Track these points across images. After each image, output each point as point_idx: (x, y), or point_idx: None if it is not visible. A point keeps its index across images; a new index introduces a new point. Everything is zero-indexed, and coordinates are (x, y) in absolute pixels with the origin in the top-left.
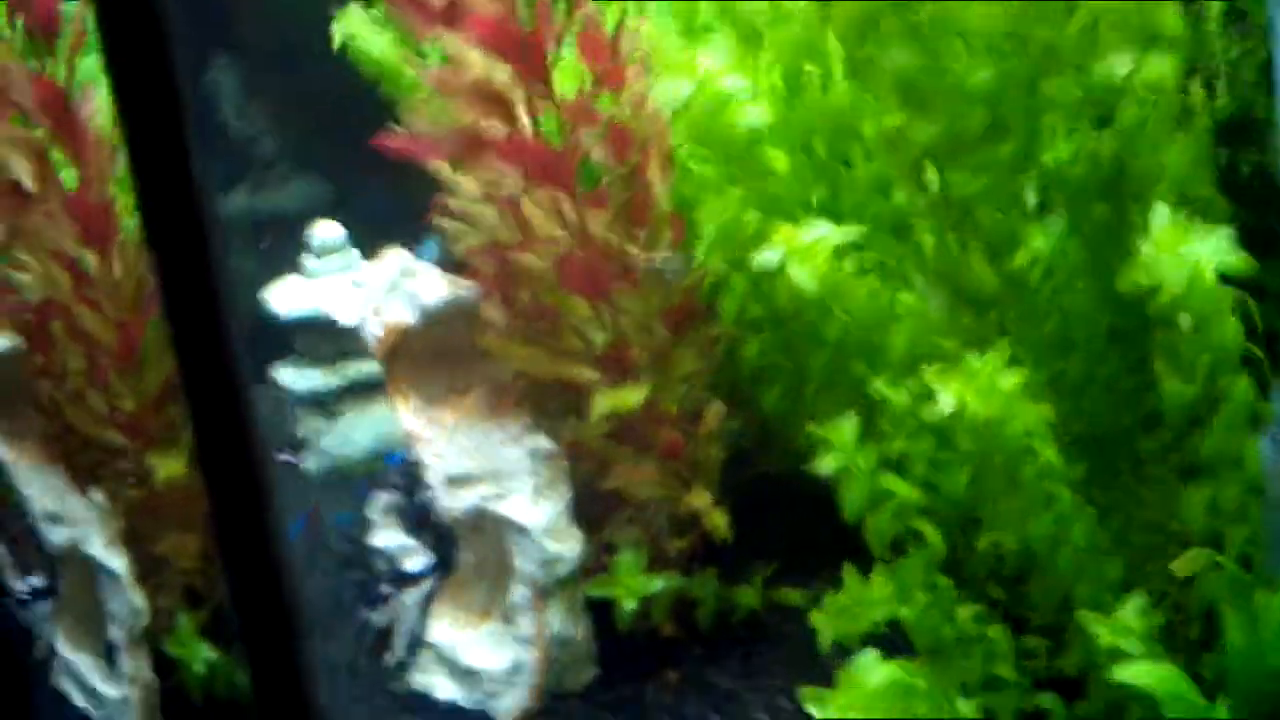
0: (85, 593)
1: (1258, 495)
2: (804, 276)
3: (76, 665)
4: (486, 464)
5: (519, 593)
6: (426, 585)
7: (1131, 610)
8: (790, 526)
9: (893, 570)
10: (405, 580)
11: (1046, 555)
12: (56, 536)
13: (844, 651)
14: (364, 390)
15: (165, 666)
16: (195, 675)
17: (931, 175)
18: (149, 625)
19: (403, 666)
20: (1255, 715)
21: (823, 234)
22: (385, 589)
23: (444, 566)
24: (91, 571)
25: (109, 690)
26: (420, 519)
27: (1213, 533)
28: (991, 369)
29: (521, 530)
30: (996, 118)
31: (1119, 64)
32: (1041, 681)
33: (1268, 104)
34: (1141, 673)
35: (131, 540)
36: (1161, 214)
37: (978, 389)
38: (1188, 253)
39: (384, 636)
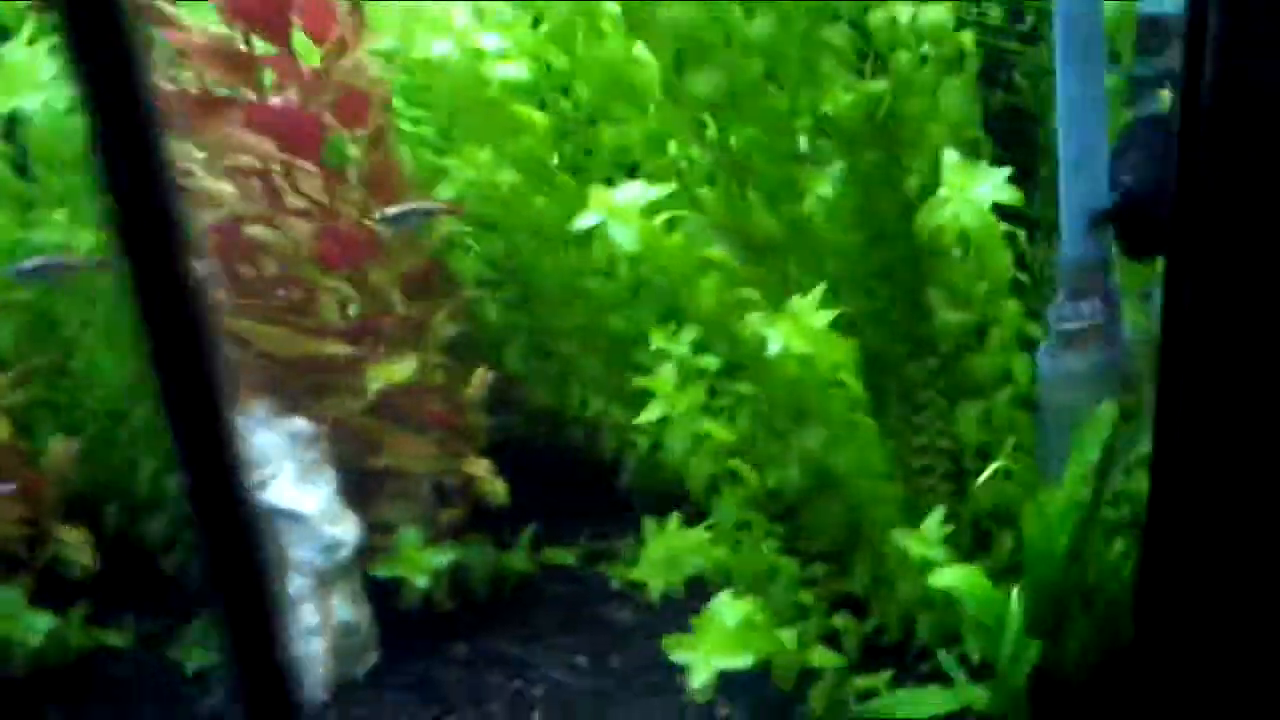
0: None
1: (1027, 408)
2: (626, 236)
3: None
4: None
5: (297, 582)
6: None
7: (933, 523)
8: (545, 488)
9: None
10: None
11: (845, 482)
12: None
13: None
14: None
15: None
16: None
17: (710, 127)
18: None
19: None
20: (1049, 598)
21: (636, 194)
22: None
23: None
24: None
25: None
26: None
27: (985, 444)
28: (806, 308)
29: (297, 518)
30: (775, 68)
31: (898, 12)
32: (831, 604)
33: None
34: (951, 577)
35: None
36: (951, 157)
37: (798, 329)
38: (976, 193)
39: None
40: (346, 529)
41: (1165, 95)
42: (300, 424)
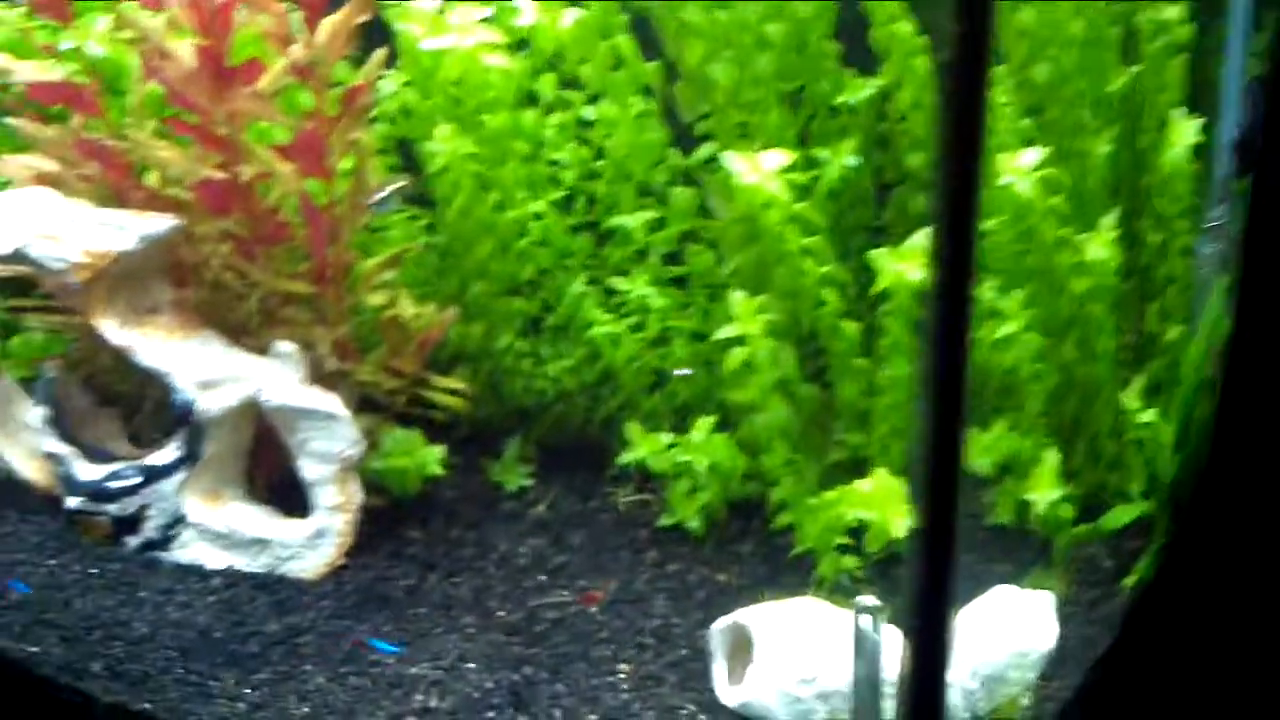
0: (232, 452)
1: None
2: None
3: (220, 522)
4: (229, 367)
5: (322, 469)
6: (181, 474)
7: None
8: None
9: None
10: (158, 473)
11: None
12: (217, 400)
13: None
14: None
15: None
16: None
17: None
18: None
19: (154, 545)
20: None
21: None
22: (127, 482)
23: (192, 459)
24: (276, 419)
25: (288, 532)
26: (179, 418)
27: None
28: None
29: (331, 416)
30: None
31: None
32: None
33: None
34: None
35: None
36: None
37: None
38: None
39: (127, 523)
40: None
41: None
42: (286, 345)
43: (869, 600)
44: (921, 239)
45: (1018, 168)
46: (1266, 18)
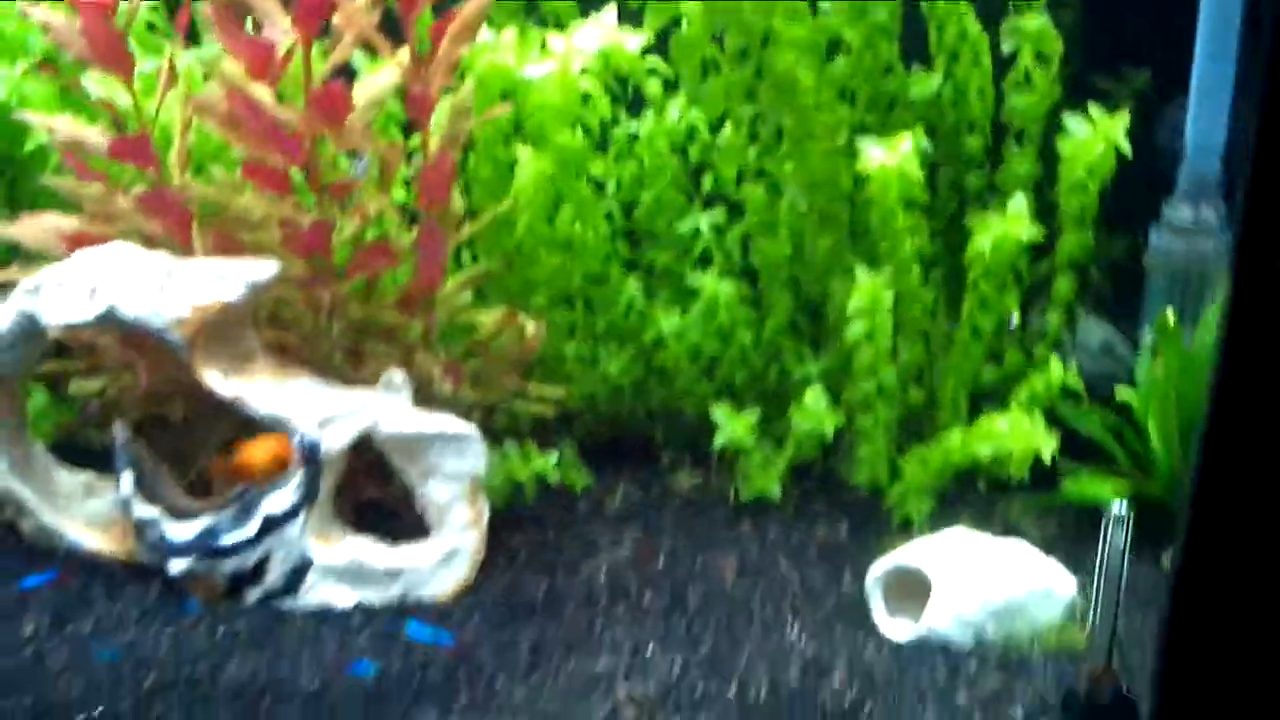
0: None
1: None
2: None
3: (343, 558)
4: (340, 404)
5: (453, 488)
6: (301, 517)
7: None
8: None
9: None
10: (278, 520)
11: None
12: (337, 438)
13: None
14: None
15: None
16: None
17: None
18: None
19: (277, 593)
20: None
21: None
22: (242, 536)
23: (311, 499)
24: (393, 448)
25: (418, 558)
26: (304, 460)
27: None
28: None
29: (465, 439)
30: None
31: None
32: None
33: None
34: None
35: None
36: None
37: None
38: None
39: (245, 576)
40: None
41: None
42: (398, 375)
43: (1118, 507)
44: (1018, 204)
45: None
46: None
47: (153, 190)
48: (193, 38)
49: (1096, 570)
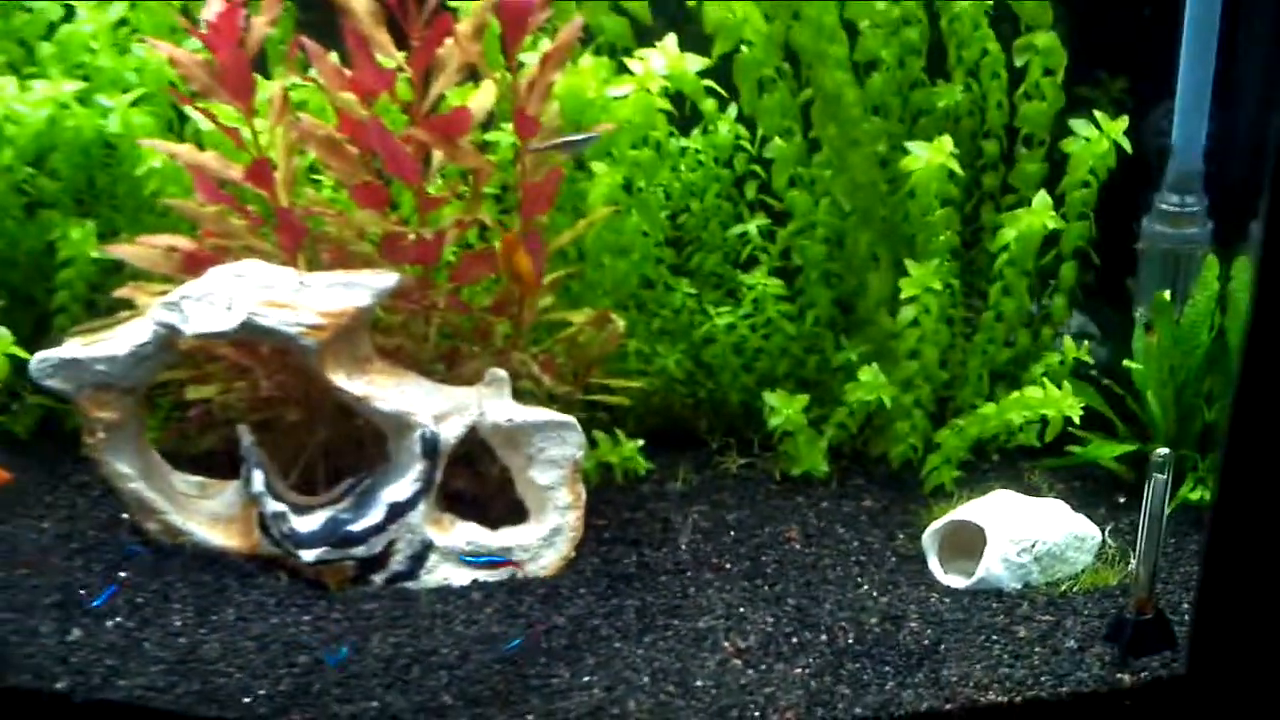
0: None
1: None
2: None
3: (460, 541)
4: (451, 400)
5: (554, 474)
6: (422, 505)
7: None
8: None
9: None
10: (401, 508)
11: None
12: (450, 430)
13: None
14: None
15: None
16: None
17: None
18: None
19: (401, 576)
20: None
21: None
22: (369, 524)
23: (428, 488)
24: (499, 438)
25: (525, 537)
26: (424, 453)
27: None
28: None
29: (567, 425)
30: None
31: None
32: None
33: None
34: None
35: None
36: None
37: None
38: None
39: (372, 561)
40: None
41: None
42: (500, 372)
43: (1163, 451)
44: (1042, 198)
45: None
46: None
47: (281, 211)
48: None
49: (1141, 509)
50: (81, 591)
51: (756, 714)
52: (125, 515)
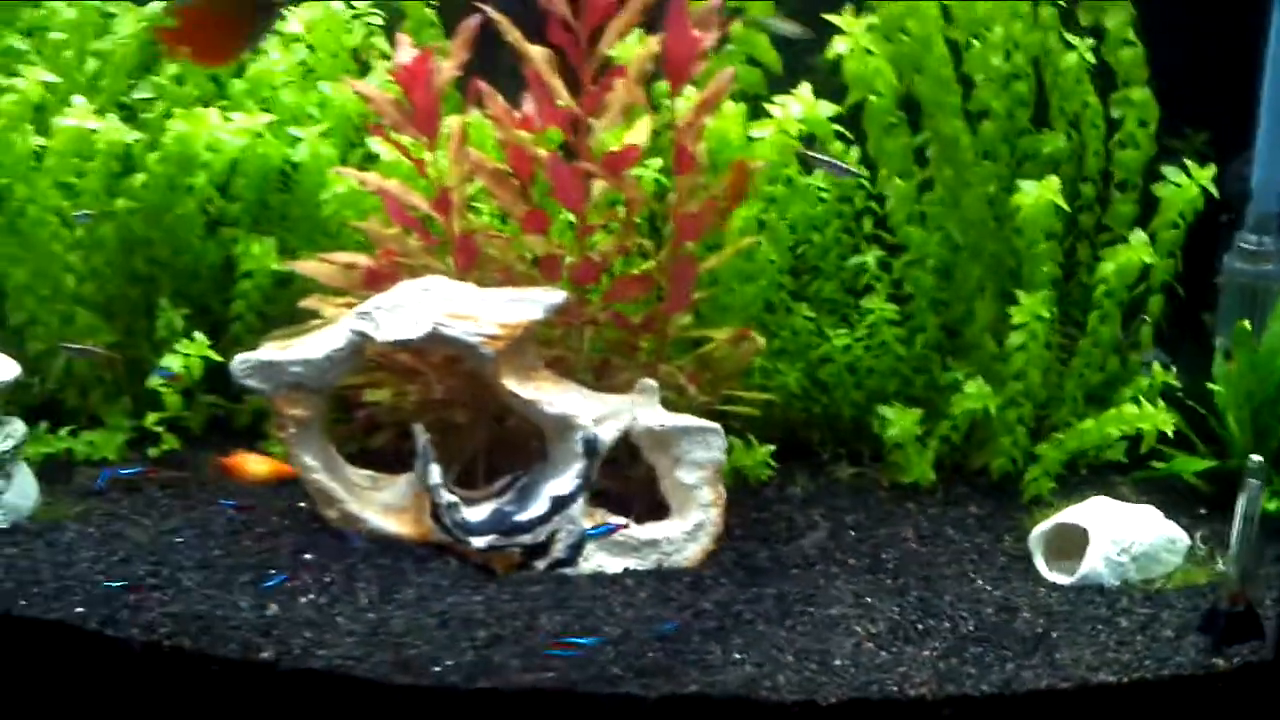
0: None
1: None
2: None
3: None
4: (608, 405)
5: (694, 475)
6: (581, 499)
7: None
8: None
9: None
10: (563, 501)
11: None
12: (607, 433)
13: None
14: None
15: None
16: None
17: None
18: None
19: (561, 563)
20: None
21: None
22: (534, 515)
23: (587, 484)
24: (648, 441)
25: (672, 530)
26: (585, 453)
27: None
28: None
29: (709, 430)
30: None
31: None
32: None
33: None
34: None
35: None
36: None
37: None
38: None
39: (537, 549)
40: None
41: None
42: (650, 382)
43: (1257, 458)
44: (1139, 236)
45: None
46: None
47: (461, 235)
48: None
49: (1235, 510)
50: (271, 571)
51: (894, 689)
52: (302, 504)
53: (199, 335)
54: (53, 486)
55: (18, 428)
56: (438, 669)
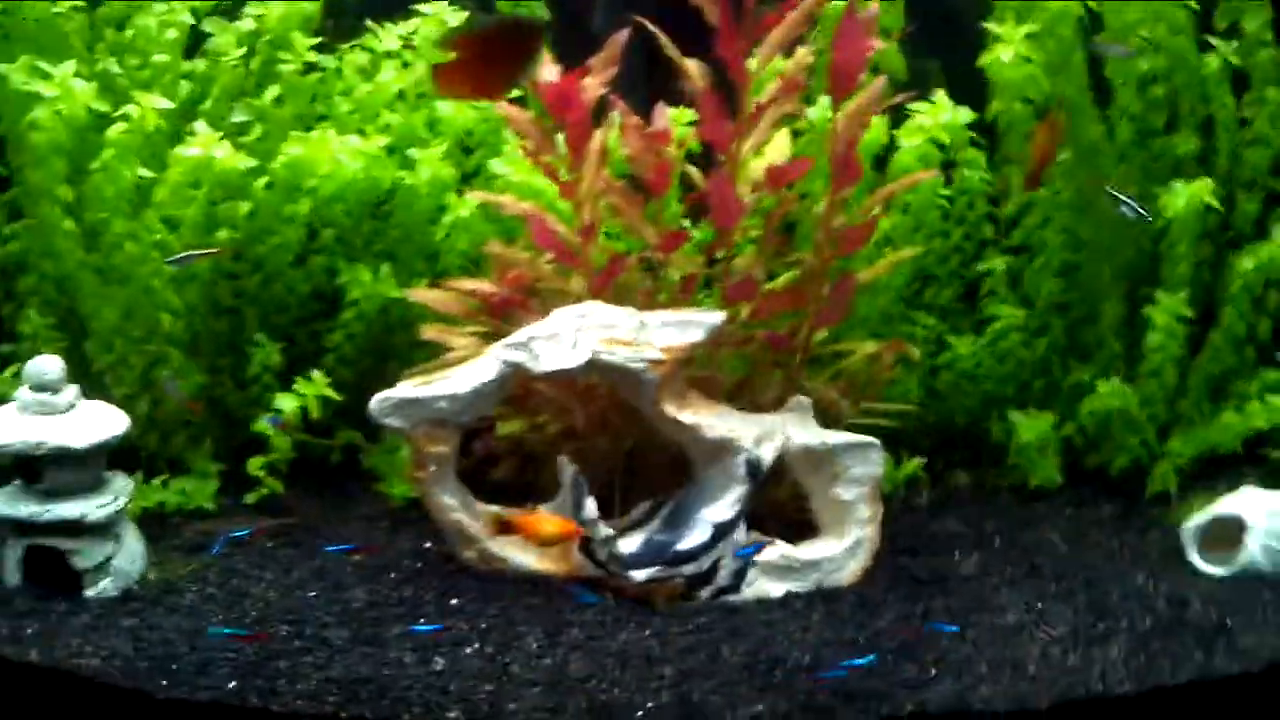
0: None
1: None
2: None
3: (776, 555)
4: (764, 426)
5: (854, 491)
6: (743, 525)
7: None
8: None
9: None
10: (725, 528)
11: None
12: (768, 453)
13: None
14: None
15: None
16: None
17: None
18: None
19: (725, 590)
20: None
21: None
22: (697, 543)
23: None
24: (802, 459)
25: (831, 550)
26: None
27: None
28: None
29: (865, 445)
30: None
31: None
32: None
33: None
34: None
35: None
36: None
37: None
38: None
39: (700, 578)
40: None
41: None
42: (804, 399)
43: None
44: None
45: None
46: None
47: (613, 256)
48: None
49: None
50: (421, 620)
51: (1099, 687)
52: (428, 544)
53: (316, 374)
54: (156, 544)
55: (124, 484)
56: (640, 713)
